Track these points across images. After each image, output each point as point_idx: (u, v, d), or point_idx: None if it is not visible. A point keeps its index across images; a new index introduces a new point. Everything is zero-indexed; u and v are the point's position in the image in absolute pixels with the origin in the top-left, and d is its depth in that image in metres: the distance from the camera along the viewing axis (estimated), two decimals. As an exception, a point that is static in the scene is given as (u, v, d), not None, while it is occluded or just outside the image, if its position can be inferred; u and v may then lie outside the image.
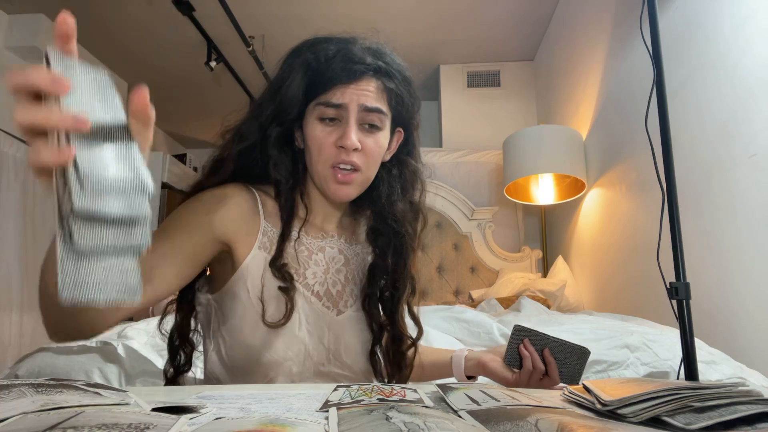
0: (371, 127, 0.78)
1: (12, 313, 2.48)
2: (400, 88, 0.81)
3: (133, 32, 3.32)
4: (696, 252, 1.50)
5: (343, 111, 0.76)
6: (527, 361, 0.78)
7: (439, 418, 0.34)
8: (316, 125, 0.78)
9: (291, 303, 0.76)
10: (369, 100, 0.77)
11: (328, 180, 0.78)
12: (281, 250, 0.78)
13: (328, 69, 0.76)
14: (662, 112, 0.98)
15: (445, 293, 2.99)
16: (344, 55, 0.76)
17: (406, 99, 0.82)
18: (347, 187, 0.79)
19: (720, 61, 1.47)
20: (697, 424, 0.35)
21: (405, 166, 0.88)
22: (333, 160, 0.77)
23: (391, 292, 0.85)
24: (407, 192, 0.87)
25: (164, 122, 4.80)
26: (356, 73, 0.76)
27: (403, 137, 0.87)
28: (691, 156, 1.57)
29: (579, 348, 0.77)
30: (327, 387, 0.48)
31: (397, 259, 0.84)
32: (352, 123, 0.76)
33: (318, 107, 0.77)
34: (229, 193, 0.77)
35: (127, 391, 0.45)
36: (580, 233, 2.65)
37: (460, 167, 3.23)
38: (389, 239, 0.84)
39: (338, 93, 0.76)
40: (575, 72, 2.76)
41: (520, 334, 0.80)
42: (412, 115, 0.86)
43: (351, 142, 0.75)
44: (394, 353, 0.85)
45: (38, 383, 0.39)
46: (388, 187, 0.85)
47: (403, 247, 0.84)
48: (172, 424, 0.32)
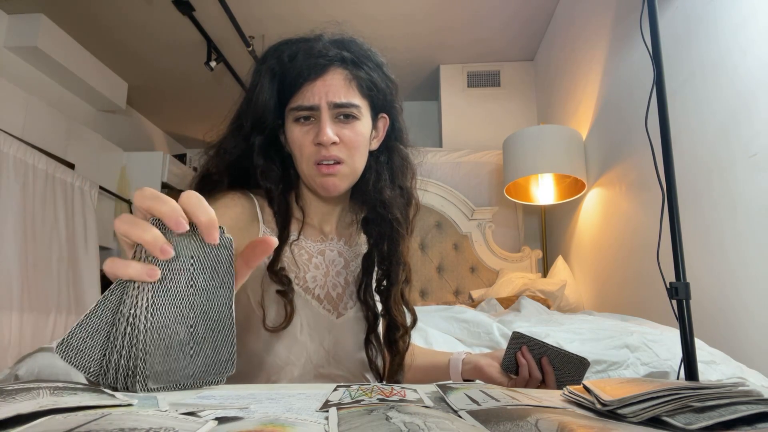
0: (347, 118, 0.78)
1: (12, 313, 2.48)
2: (371, 74, 0.80)
3: (133, 32, 3.32)
4: (696, 252, 1.50)
5: (314, 111, 0.76)
6: (524, 369, 0.78)
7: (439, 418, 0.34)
8: (293, 128, 0.78)
9: (291, 306, 0.76)
10: (338, 95, 0.76)
11: (314, 176, 0.78)
12: (278, 255, 0.77)
13: (293, 68, 0.76)
14: (662, 112, 0.98)
15: (445, 293, 2.99)
16: (306, 52, 0.77)
17: (380, 84, 0.81)
18: (333, 178, 0.78)
19: (720, 61, 1.47)
20: (697, 424, 0.35)
21: (393, 152, 0.87)
22: (315, 158, 0.77)
23: (385, 279, 0.85)
24: (396, 178, 0.86)
25: (164, 122, 4.81)
26: (321, 67, 0.76)
27: (389, 123, 0.86)
28: (691, 156, 1.57)
29: (578, 358, 0.76)
30: (327, 387, 0.48)
31: (388, 246, 0.84)
32: (325, 120, 0.76)
33: (292, 112, 0.78)
34: (227, 203, 0.77)
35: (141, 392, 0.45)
36: (580, 233, 2.65)
37: (460, 167, 3.23)
38: (379, 226, 0.84)
39: (307, 92, 0.76)
40: (575, 72, 2.76)
41: (518, 340, 0.79)
42: (392, 99, 0.85)
43: (326, 137, 0.75)
44: (388, 341, 0.84)
45: (56, 386, 0.39)
46: (375, 175, 0.84)
47: (393, 233, 0.83)
48: (197, 429, 0.31)
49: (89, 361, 0.43)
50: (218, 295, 0.47)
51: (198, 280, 0.46)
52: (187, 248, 0.46)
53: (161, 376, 0.44)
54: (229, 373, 0.48)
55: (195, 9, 2.95)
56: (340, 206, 0.88)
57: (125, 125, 4.33)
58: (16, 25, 3.04)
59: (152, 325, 0.43)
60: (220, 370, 0.47)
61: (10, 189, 2.55)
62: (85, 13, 3.10)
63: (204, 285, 0.47)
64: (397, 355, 0.84)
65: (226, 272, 0.48)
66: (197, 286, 0.46)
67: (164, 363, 0.44)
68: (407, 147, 0.89)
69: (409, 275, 0.86)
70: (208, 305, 0.47)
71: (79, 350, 0.43)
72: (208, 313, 0.47)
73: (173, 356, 0.44)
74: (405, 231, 0.85)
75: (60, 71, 3.31)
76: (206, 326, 0.47)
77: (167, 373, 0.44)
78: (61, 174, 2.96)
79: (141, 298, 0.43)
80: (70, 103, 3.58)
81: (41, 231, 2.74)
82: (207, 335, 0.47)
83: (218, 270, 0.47)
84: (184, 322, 0.45)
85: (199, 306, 0.46)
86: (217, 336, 0.47)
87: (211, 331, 0.47)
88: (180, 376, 0.45)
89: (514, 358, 0.79)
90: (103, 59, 3.63)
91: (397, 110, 0.87)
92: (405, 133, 0.89)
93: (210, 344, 0.47)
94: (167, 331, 0.44)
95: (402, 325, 0.85)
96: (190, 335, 0.46)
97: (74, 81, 3.43)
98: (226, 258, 0.48)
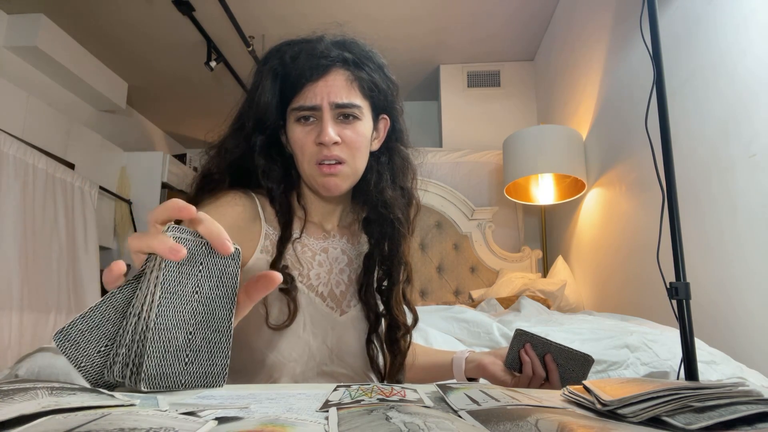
0: (348, 118, 0.78)
1: (12, 313, 2.48)
2: (372, 75, 0.81)
3: (133, 32, 3.32)
4: (696, 252, 1.50)
5: (316, 111, 0.77)
6: (527, 367, 0.78)
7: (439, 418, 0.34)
8: (295, 128, 0.78)
9: (294, 304, 0.76)
10: (340, 95, 0.77)
11: (316, 176, 0.79)
12: (281, 253, 0.78)
13: (295, 69, 0.77)
14: (662, 112, 0.98)
15: (445, 293, 2.99)
16: (308, 53, 0.77)
17: (381, 85, 0.82)
18: (334, 178, 0.78)
19: (720, 61, 1.47)
20: (697, 424, 0.35)
21: (394, 153, 0.88)
22: (316, 158, 0.77)
23: (386, 278, 0.85)
24: (397, 178, 0.87)
25: (164, 122, 4.81)
26: (323, 68, 0.77)
27: (390, 123, 0.87)
28: (691, 156, 1.57)
29: (582, 355, 0.76)
30: (327, 387, 0.48)
31: (389, 246, 0.84)
32: (327, 120, 0.76)
33: (294, 112, 0.78)
34: (228, 201, 0.78)
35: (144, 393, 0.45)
36: (580, 233, 2.65)
37: (460, 167, 3.23)
38: (380, 226, 0.84)
39: (309, 93, 0.77)
40: (575, 72, 2.76)
41: (521, 338, 0.79)
42: (393, 99, 0.85)
43: (328, 137, 0.75)
44: (390, 341, 0.85)
45: (53, 386, 0.39)
46: (376, 175, 0.85)
47: (394, 233, 0.84)
48: (197, 429, 0.31)
49: (82, 355, 0.44)
50: (220, 306, 0.48)
51: (204, 287, 0.47)
52: (198, 254, 0.46)
53: (154, 380, 0.44)
54: (219, 386, 0.48)
55: (195, 9, 2.95)
56: (341, 206, 0.89)
57: (125, 125, 4.33)
58: (16, 25, 3.04)
59: (155, 325, 0.43)
60: (210, 382, 0.47)
61: (10, 189, 2.55)
62: (85, 13, 3.10)
63: (208, 293, 0.47)
64: (399, 355, 0.84)
65: (232, 283, 0.48)
66: (202, 293, 0.46)
67: (159, 367, 0.44)
68: (408, 148, 0.90)
69: (410, 275, 0.87)
70: (209, 314, 0.47)
71: (76, 342, 0.43)
72: (208, 323, 0.47)
73: (169, 361, 0.45)
74: (406, 231, 0.86)
75: (60, 71, 3.31)
76: (204, 336, 0.47)
77: (160, 377, 0.44)
78: (61, 174, 2.96)
79: (149, 297, 0.44)
80: (70, 103, 3.58)
81: (41, 231, 2.74)
82: (203, 345, 0.47)
83: (224, 280, 0.48)
84: (184, 328, 0.45)
85: (201, 314, 0.47)
86: (213, 347, 0.47)
87: (208, 342, 0.47)
88: (171, 383, 0.45)
89: (518, 356, 0.79)
90: (103, 59, 3.63)
91: (397, 111, 0.87)
92: (405, 134, 0.89)
93: (206, 355, 0.47)
94: (167, 334, 0.44)
95: (403, 325, 0.85)
96: (187, 342, 0.46)
97: (74, 81, 3.43)
98: (233, 269, 0.48)
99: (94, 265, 3.13)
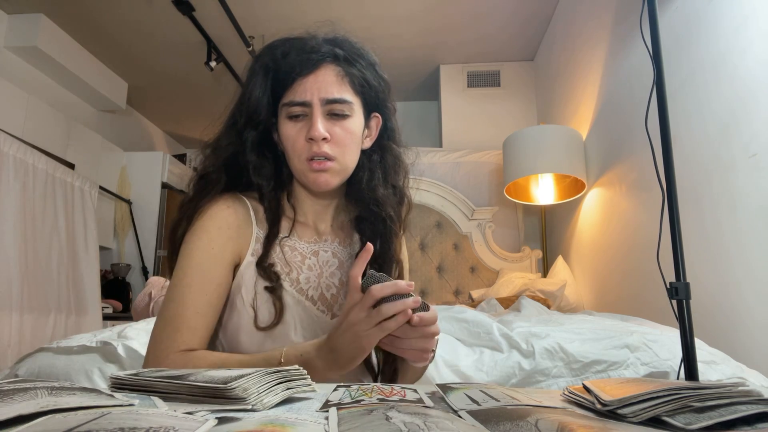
0: (338, 116, 0.78)
1: (12, 313, 2.48)
2: (363, 71, 0.81)
3: (133, 32, 3.32)
4: (696, 252, 1.50)
5: (306, 107, 0.77)
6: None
7: (439, 418, 0.34)
8: (286, 124, 0.79)
9: (280, 302, 0.76)
10: (330, 91, 0.77)
11: (306, 172, 0.79)
12: (267, 251, 0.78)
13: (286, 64, 0.78)
14: (662, 112, 0.98)
15: (445, 293, 2.99)
16: (299, 49, 0.78)
17: (373, 82, 0.82)
18: (324, 174, 0.78)
19: (720, 61, 1.47)
20: (697, 424, 0.35)
21: (386, 151, 0.88)
22: (307, 154, 0.78)
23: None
24: (389, 177, 0.87)
25: (164, 122, 4.81)
26: (313, 63, 0.77)
27: (382, 122, 0.87)
28: (691, 156, 1.57)
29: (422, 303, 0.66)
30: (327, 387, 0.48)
31: (381, 244, 0.84)
32: (317, 116, 0.76)
33: (284, 108, 0.79)
34: (220, 206, 0.78)
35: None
36: (580, 233, 2.65)
37: (460, 167, 3.23)
38: (372, 224, 0.84)
39: (299, 88, 0.77)
40: (575, 72, 2.76)
41: (369, 280, 0.66)
42: (384, 97, 0.85)
43: (318, 133, 0.76)
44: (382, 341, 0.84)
45: (52, 386, 0.39)
46: (368, 173, 0.85)
47: (386, 230, 0.84)
48: (196, 428, 0.31)
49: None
50: None
51: None
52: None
53: None
54: None
55: (195, 9, 2.95)
56: (333, 204, 0.89)
57: (125, 125, 4.33)
58: (16, 25, 3.04)
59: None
60: None
61: (10, 189, 2.55)
62: (85, 13, 3.10)
63: None
64: (391, 355, 0.84)
65: None
66: None
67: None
68: (400, 147, 0.90)
69: (402, 273, 0.87)
70: None
71: None
72: None
73: None
74: (398, 229, 0.86)
75: (60, 71, 3.31)
76: None
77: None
78: (61, 174, 2.96)
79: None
80: (70, 103, 3.58)
81: (41, 231, 2.74)
82: None
83: None
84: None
85: None
86: None
87: None
88: None
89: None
90: (103, 59, 3.63)
91: (389, 110, 0.87)
92: (398, 133, 0.90)
93: None
94: None
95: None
96: None
97: (74, 81, 3.43)
98: None
99: (94, 265, 3.13)
